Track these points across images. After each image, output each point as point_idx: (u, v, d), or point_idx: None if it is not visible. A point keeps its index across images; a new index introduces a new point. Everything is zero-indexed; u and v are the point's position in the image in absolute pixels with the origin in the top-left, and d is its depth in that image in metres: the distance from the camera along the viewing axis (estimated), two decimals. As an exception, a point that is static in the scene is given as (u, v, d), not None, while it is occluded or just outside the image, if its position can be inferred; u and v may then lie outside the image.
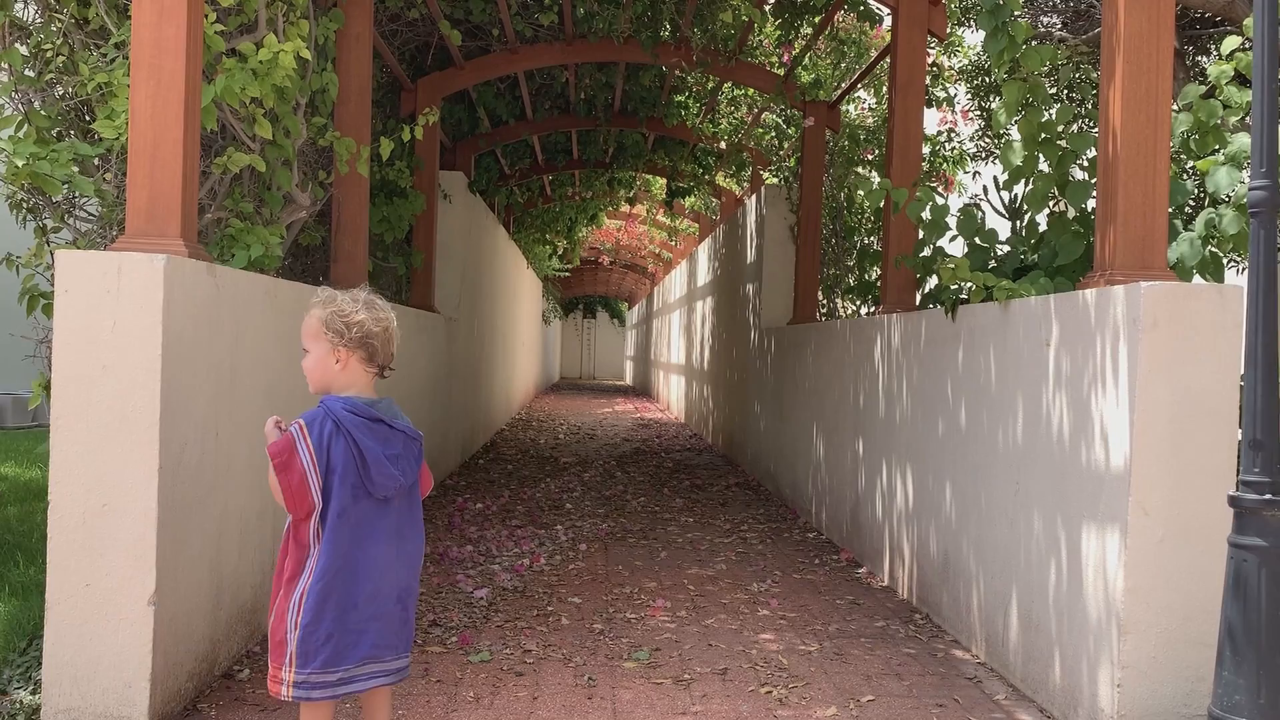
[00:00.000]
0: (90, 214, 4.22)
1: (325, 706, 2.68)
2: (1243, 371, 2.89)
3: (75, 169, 3.83)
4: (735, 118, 10.76)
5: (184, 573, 3.38)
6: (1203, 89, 4.33)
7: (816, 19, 7.83)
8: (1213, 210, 4.03)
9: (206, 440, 3.52)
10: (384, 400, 2.72)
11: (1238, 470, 2.87)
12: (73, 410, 3.15)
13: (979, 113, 9.34)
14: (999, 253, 4.82)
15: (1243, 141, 4.02)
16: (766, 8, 8.00)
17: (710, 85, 10.20)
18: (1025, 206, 4.60)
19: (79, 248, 4.01)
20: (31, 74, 4.11)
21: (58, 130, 4.14)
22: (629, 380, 35.73)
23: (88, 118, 4.29)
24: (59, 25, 4.11)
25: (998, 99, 8.39)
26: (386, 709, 2.85)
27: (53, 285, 3.44)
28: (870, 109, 9.49)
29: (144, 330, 3.16)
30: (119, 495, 3.15)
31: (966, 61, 9.23)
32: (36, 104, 4.12)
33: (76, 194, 4.03)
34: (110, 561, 3.16)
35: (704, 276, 14.57)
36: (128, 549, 3.16)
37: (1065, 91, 8.50)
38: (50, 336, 3.50)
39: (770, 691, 3.76)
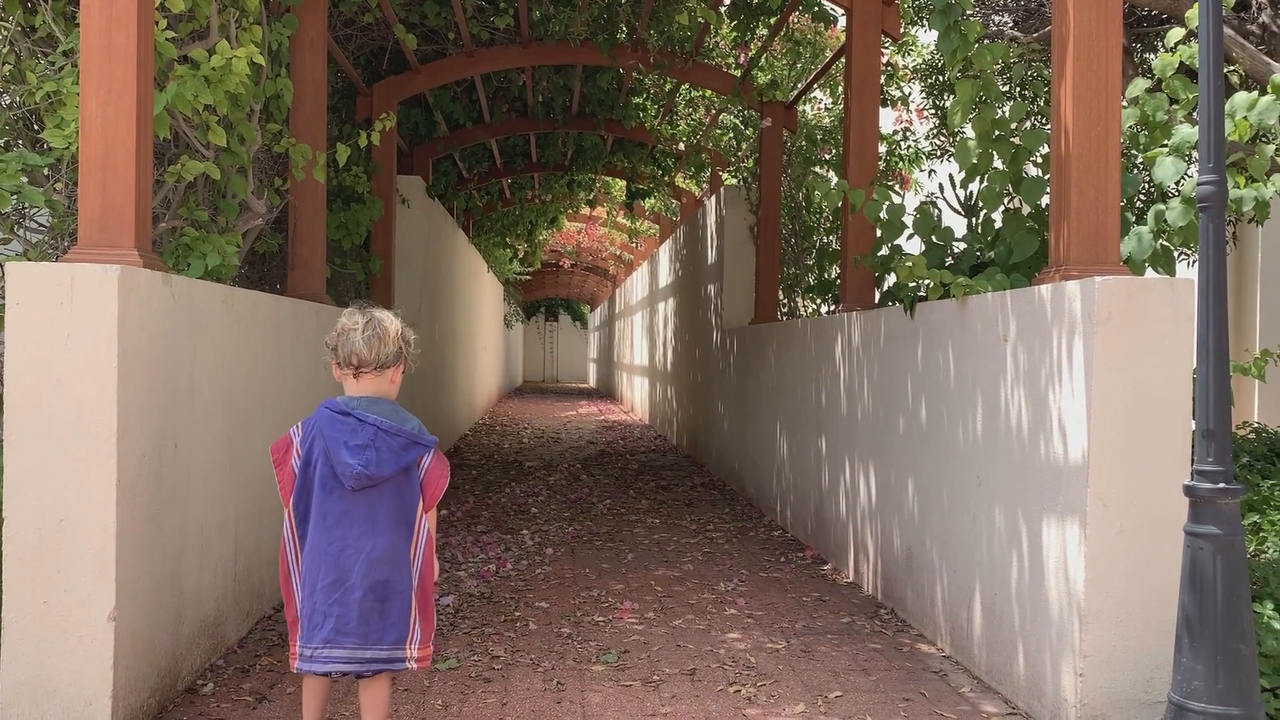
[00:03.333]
0: (41, 225, 4.15)
1: (308, 681, 2.97)
2: (1195, 363, 2.94)
3: (24, 179, 3.76)
4: (693, 119, 10.78)
5: (145, 587, 3.33)
6: (1149, 83, 4.40)
7: (772, 20, 7.87)
8: (1162, 204, 4.10)
9: (165, 452, 3.47)
10: (374, 400, 2.89)
11: (1192, 460, 2.92)
12: (27, 424, 3.10)
13: (934, 111, 9.43)
14: (956, 250, 4.87)
15: (1186, 133, 4.09)
16: (722, 9, 8.03)
17: (668, 87, 10.22)
18: (980, 204, 4.65)
19: (30, 259, 3.94)
20: (-23, 83, 4.04)
21: (5, 140, 4.07)
22: (592, 383, 35.70)
23: (36, 127, 4.22)
24: (5, 33, 4.04)
25: (952, 97, 8.48)
26: (375, 708, 2.95)
27: (3, 298, 3.38)
28: (826, 109, 9.56)
29: (99, 342, 3.11)
30: (76, 510, 3.10)
31: (920, 60, 9.32)
32: (-17, 114, 4.04)
33: (26, 205, 3.97)
34: (68, 578, 3.10)
35: (665, 278, 14.60)
36: (86, 564, 3.11)
37: (1018, 89, 8.60)
38: (2, 350, 3.44)
39: (739, 690, 3.77)
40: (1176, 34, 4.32)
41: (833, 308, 7.01)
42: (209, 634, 3.92)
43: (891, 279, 5.34)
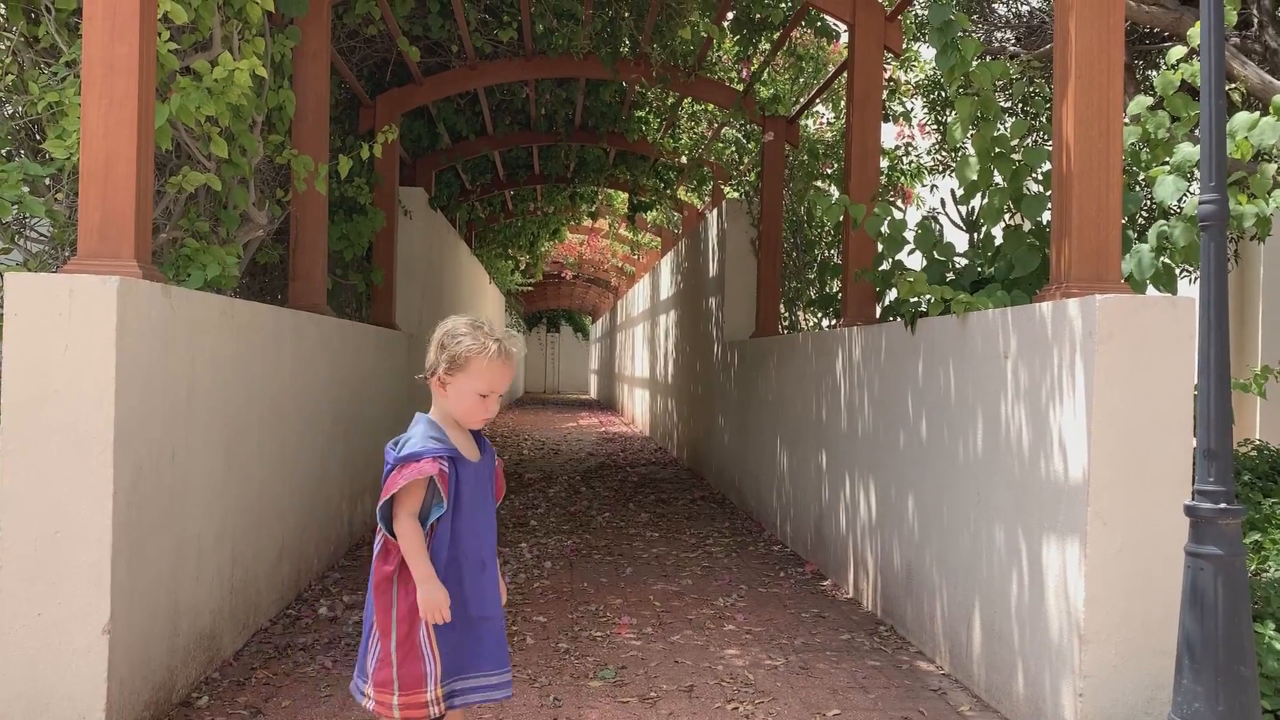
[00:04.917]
0: (41, 235, 4.15)
1: None
2: (1196, 381, 2.93)
3: (25, 189, 3.76)
4: (696, 133, 10.80)
5: (140, 599, 3.32)
6: (1150, 101, 4.41)
7: (775, 35, 7.89)
8: (1164, 222, 4.10)
9: (162, 463, 3.46)
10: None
11: (1193, 480, 2.91)
12: (24, 434, 3.09)
13: (936, 127, 9.44)
14: (957, 265, 4.87)
15: (1187, 151, 4.09)
16: (725, 24, 8.05)
17: (670, 101, 10.25)
18: (982, 220, 4.64)
19: (30, 269, 3.94)
20: (-20, 93, 4.05)
21: (7, 150, 4.08)
22: (593, 394, 35.67)
23: (38, 137, 4.23)
24: (8, 43, 4.05)
25: (953, 113, 8.50)
26: None
27: (2, 308, 3.38)
28: (828, 124, 9.58)
29: (97, 353, 3.10)
30: (72, 521, 3.09)
31: (923, 76, 9.34)
32: (-15, 123, 4.05)
33: (27, 215, 3.97)
34: (63, 589, 3.09)
35: (667, 290, 14.60)
36: (82, 576, 3.09)
37: (1019, 105, 8.61)
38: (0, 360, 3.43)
39: (737, 708, 3.75)
40: (1178, 52, 4.32)
41: (834, 322, 7.00)
42: (204, 647, 3.91)
43: (893, 294, 5.34)
